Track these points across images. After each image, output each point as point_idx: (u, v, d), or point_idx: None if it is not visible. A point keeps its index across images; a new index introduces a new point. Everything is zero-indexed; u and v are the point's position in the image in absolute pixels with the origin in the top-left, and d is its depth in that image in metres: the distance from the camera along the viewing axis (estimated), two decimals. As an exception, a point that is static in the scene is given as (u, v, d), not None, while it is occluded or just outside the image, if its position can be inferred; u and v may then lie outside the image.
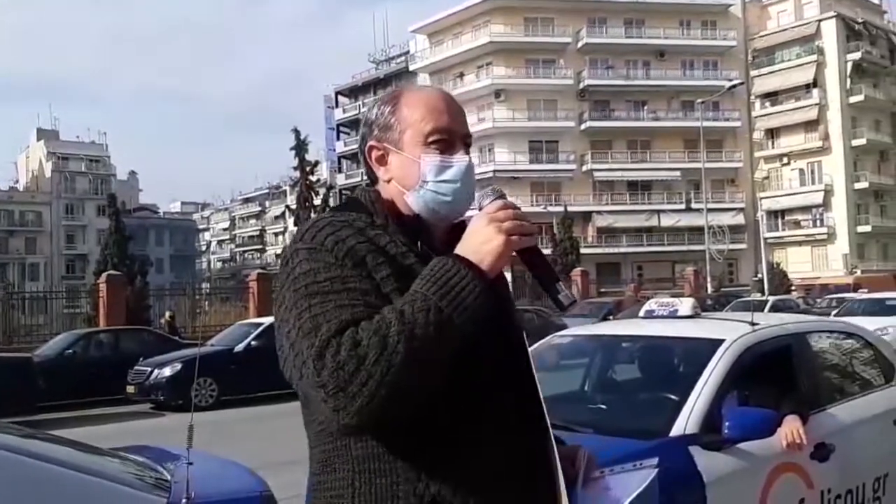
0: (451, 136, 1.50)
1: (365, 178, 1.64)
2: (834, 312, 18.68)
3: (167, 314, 21.72)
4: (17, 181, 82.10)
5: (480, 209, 1.42)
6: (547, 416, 1.43)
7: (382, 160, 1.53)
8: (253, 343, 14.52)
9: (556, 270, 1.46)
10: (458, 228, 1.48)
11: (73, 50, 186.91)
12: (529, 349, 1.54)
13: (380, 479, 1.35)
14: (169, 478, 2.74)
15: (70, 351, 15.57)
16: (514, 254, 1.39)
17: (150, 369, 13.94)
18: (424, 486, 1.34)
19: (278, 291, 1.41)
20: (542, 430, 1.44)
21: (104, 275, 21.83)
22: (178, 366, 13.66)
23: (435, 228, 1.50)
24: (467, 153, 1.51)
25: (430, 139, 1.48)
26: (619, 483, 1.57)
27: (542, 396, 1.44)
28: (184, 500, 2.42)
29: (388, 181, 1.53)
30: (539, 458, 1.43)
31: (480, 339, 1.36)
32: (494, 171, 52.29)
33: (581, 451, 1.59)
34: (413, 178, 1.48)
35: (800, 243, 55.83)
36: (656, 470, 1.60)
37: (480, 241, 1.36)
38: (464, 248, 1.37)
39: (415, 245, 1.44)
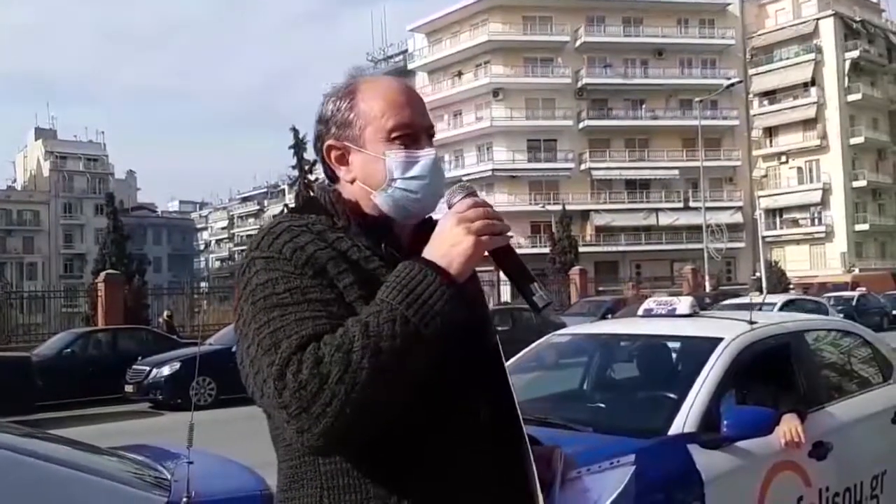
0: (414, 130, 1.42)
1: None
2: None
3: (165, 313, 21.71)
4: (14, 180, 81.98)
5: (450, 207, 1.35)
6: (522, 420, 1.38)
7: (343, 159, 1.44)
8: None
9: (530, 271, 1.37)
10: (425, 227, 1.42)
11: (71, 49, 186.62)
12: (503, 354, 1.48)
13: (349, 496, 1.29)
14: (169, 477, 2.74)
15: (68, 350, 15.58)
16: (485, 255, 1.32)
17: (148, 368, 13.94)
18: (396, 502, 1.29)
19: (236, 303, 1.33)
20: (516, 436, 1.39)
21: (102, 274, 21.84)
22: (177, 365, 13.67)
23: (401, 229, 1.43)
24: (432, 145, 1.44)
25: (394, 135, 1.40)
26: (596, 483, 1.51)
27: (516, 401, 1.39)
28: (184, 499, 2.42)
29: (352, 181, 1.44)
30: (514, 466, 1.38)
31: (450, 347, 1.29)
32: (493, 169, 52.32)
33: (557, 452, 1.53)
34: (378, 177, 1.40)
35: (798, 242, 55.86)
36: (633, 468, 1.56)
37: (449, 244, 1.28)
38: (431, 252, 1.29)
39: (378, 247, 1.37)
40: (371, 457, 1.29)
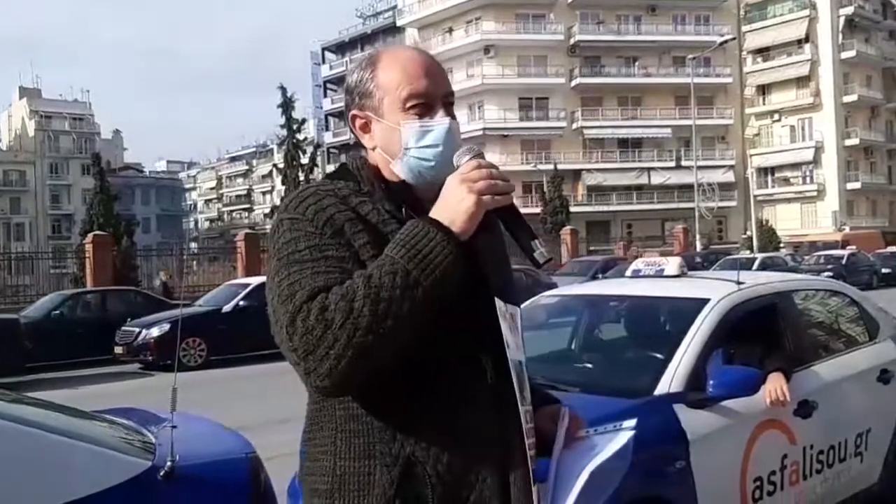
0: (429, 99, 1.47)
1: (351, 137, 1.64)
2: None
3: (162, 274, 21.54)
4: None
5: (458, 168, 1.41)
6: (515, 378, 1.43)
7: (366, 128, 1.53)
8: (241, 303, 14.52)
9: (532, 228, 1.45)
10: None
11: (54, 6, 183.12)
12: (515, 314, 1.52)
13: (357, 440, 1.40)
14: (154, 441, 2.73)
15: (57, 312, 15.54)
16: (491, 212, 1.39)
17: (137, 330, 13.94)
18: (399, 447, 1.38)
19: (269, 261, 1.45)
20: (512, 391, 1.45)
21: (90, 235, 21.70)
22: (166, 326, 13.67)
23: (423, 193, 1.48)
24: (449, 113, 1.48)
25: (409, 105, 1.46)
26: (598, 443, 1.57)
27: (508, 357, 1.44)
28: (168, 463, 2.41)
29: (374, 149, 1.53)
30: (513, 419, 1.45)
31: (459, 304, 1.38)
32: (484, 128, 51.99)
33: (563, 410, 1.60)
34: (396, 146, 1.48)
35: (789, 200, 56.04)
36: (633, 432, 1.61)
37: (452, 203, 1.37)
38: (437, 211, 1.38)
39: (399, 211, 1.45)
40: (378, 405, 1.40)
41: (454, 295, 1.35)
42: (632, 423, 1.65)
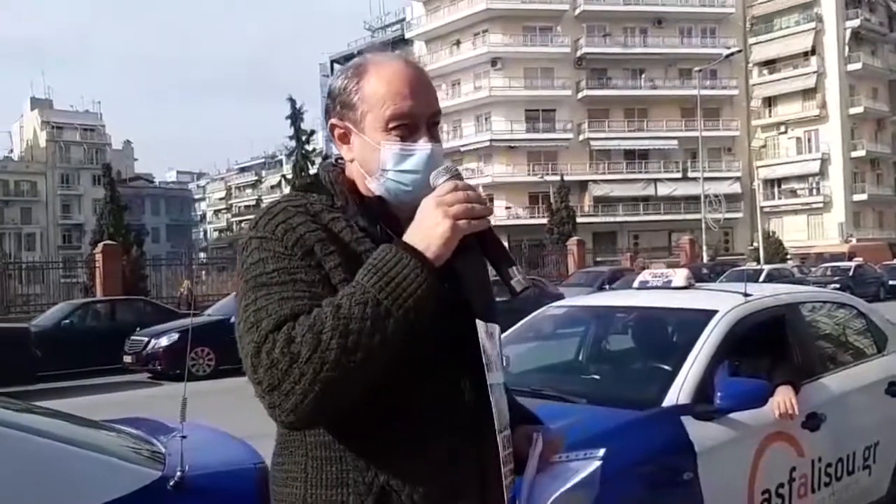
0: (413, 120, 1.40)
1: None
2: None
3: (186, 283, 21.51)
4: (11, 150, 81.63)
5: (434, 189, 1.35)
6: (493, 403, 1.38)
7: (345, 138, 1.45)
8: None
9: (510, 254, 1.38)
10: None
11: (65, 18, 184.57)
12: (493, 334, 1.47)
13: (330, 467, 1.35)
14: (163, 450, 2.75)
15: (67, 321, 15.60)
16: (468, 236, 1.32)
17: (146, 339, 13.97)
18: (373, 475, 1.33)
19: (237, 280, 1.39)
20: (490, 416, 1.39)
21: (100, 245, 21.80)
22: (175, 335, 13.71)
23: (399, 210, 1.42)
24: (433, 136, 1.42)
25: (391, 125, 1.39)
26: (566, 471, 1.53)
27: (489, 383, 1.39)
28: (178, 473, 2.43)
29: (351, 161, 1.46)
30: (492, 442, 1.39)
31: (438, 327, 1.32)
32: (491, 140, 52.10)
33: (535, 434, 1.53)
34: (374, 164, 1.41)
35: (796, 212, 55.88)
36: (600, 462, 1.58)
37: (426, 227, 1.30)
38: (411, 235, 1.30)
39: (374, 227, 1.39)
40: (351, 433, 1.34)
41: (430, 319, 1.28)
42: (598, 454, 1.61)
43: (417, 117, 1.41)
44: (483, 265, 1.49)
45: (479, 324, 1.41)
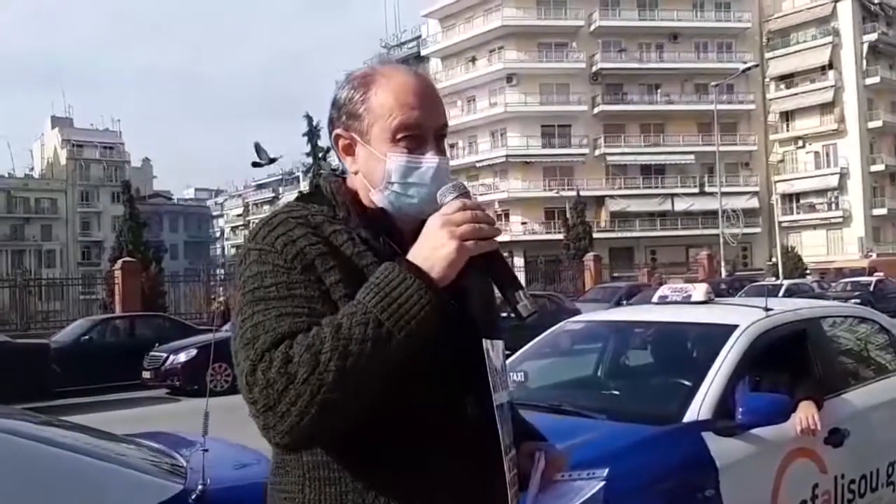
0: (421, 132, 1.37)
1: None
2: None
3: (220, 298, 21.60)
4: (32, 168, 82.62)
5: (441, 206, 1.31)
6: (499, 423, 1.36)
7: (350, 149, 1.42)
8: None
9: (517, 277, 1.36)
10: None
11: (86, 36, 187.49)
12: (498, 351, 1.44)
13: (329, 488, 1.31)
14: (184, 464, 2.76)
15: (86, 337, 15.71)
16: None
17: (165, 355, 14.05)
18: (374, 497, 1.29)
19: (236, 293, 1.36)
20: (494, 435, 1.36)
21: (119, 261, 22.03)
22: (193, 351, 13.77)
23: (403, 223, 1.40)
24: (440, 149, 1.39)
25: (398, 136, 1.36)
26: (569, 490, 1.52)
27: (494, 403, 1.36)
28: (199, 487, 2.44)
29: (355, 173, 1.43)
30: (496, 467, 1.36)
31: (441, 346, 1.29)
32: (507, 155, 52.18)
33: (538, 453, 1.50)
34: (379, 176, 1.38)
35: (815, 227, 55.43)
36: (603, 482, 1.57)
37: (432, 247, 1.26)
38: (415, 253, 1.27)
39: (377, 240, 1.35)
40: (351, 451, 1.30)
41: (433, 337, 1.24)
42: (602, 474, 1.59)
43: (425, 129, 1.38)
44: (487, 281, 1.46)
45: (485, 342, 1.38)
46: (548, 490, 1.49)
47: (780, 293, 21.77)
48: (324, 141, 39.57)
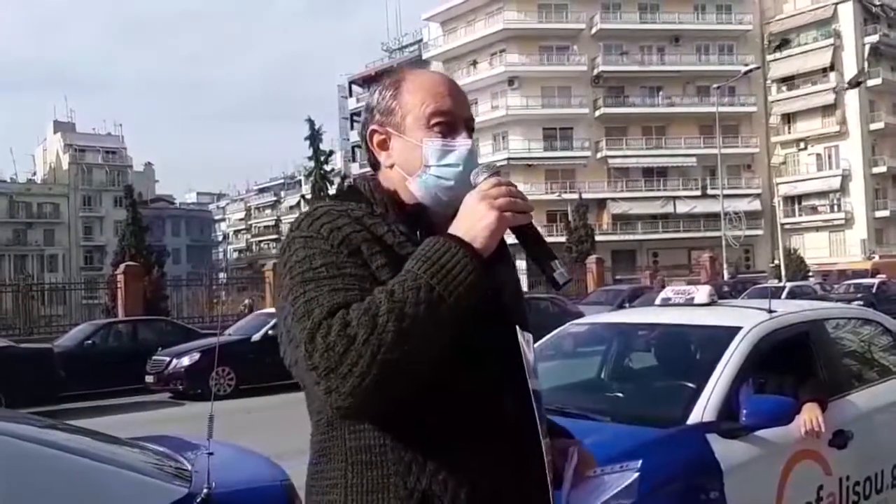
0: (453, 119, 1.46)
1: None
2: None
3: (247, 301, 21.59)
4: (34, 173, 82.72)
5: (476, 186, 1.38)
6: (536, 409, 1.40)
7: (384, 144, 1.50)
8: (270, 332, 14.53)
9: (551, 248, 1.42)
10: None
11: (88, 41, 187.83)
12: (529, 342, 1.50)
13: (371, 472, 1.34)
14: (189, 467, 2.77)
15: (89, 341, 15.72)
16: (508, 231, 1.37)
17: (168, 359, 14.07)
18: (415, 480, 1.32)
19: (279, 281, 1.42)
20: (534, 424, 1.41)
21: (122, 266, 22.04)
22: (197, 355, 13.79)
23: (437, 217, 1.45)
24: (470, 137, 1.48)
25: (433, 122, 1.45)
26: (602, 484, 1.57)
27: (531, 389, 1.41)
28: (204, 490, 2.44)
29: (391, 167, 1.49)
30: (533, 457, 1.41)
31: (479, 334, 1.34)
32: (508, 158, 52.16)
33: (571, 449, 1.55)
34: (415, 163, 1.45)
35: (817, 229, 55.34)
36: (637, 474, 1.61)
37: (473, 219, 1.33)
38: (456, 227, 1.34)
39: (414, 234, 1.41)
40: (393, 436, 1.34)
41: (473, 324, 1.30)
42: (636, 466, 1.62)
43: (456, 116, 1.47)
44: (517, 278, 1.54)
45: (519, 331, 1.43)
46: (580, 486, 1.53)
47: (783, 295, 21.74)
48: (325, 144, 39.68)
